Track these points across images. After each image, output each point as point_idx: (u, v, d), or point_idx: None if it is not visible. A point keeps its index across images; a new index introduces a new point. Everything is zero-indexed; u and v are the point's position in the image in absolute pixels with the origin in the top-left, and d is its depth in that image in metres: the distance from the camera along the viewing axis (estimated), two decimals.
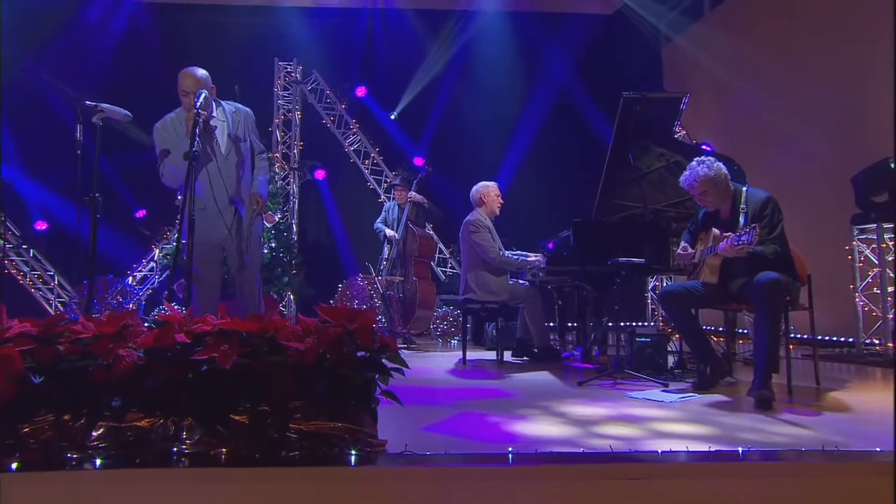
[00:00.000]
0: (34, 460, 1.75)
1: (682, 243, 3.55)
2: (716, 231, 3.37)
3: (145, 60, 7.74)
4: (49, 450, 1.78)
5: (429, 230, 7.96)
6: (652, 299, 7.95)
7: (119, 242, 7.55)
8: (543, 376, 3.97)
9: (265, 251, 6.63)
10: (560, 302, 5.41)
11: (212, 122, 3.16)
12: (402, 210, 6.28)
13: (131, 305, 7.15)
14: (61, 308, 7.42)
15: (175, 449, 1.84)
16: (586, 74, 8.09)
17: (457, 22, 8.30)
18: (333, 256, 8.20)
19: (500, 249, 4.69)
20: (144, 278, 7.58)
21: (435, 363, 4.74)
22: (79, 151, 2.59)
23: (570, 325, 5.51)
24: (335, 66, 8.28)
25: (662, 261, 3.98)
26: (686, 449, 2.04)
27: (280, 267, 6.86)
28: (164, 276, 7.35)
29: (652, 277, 7.80)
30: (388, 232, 6.22)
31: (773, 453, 2.04)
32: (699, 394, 3.18)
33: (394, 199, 6.59)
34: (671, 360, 4.12)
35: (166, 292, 2.74)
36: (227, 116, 3.27)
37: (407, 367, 2.03)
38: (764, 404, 2.78)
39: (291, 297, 7.26)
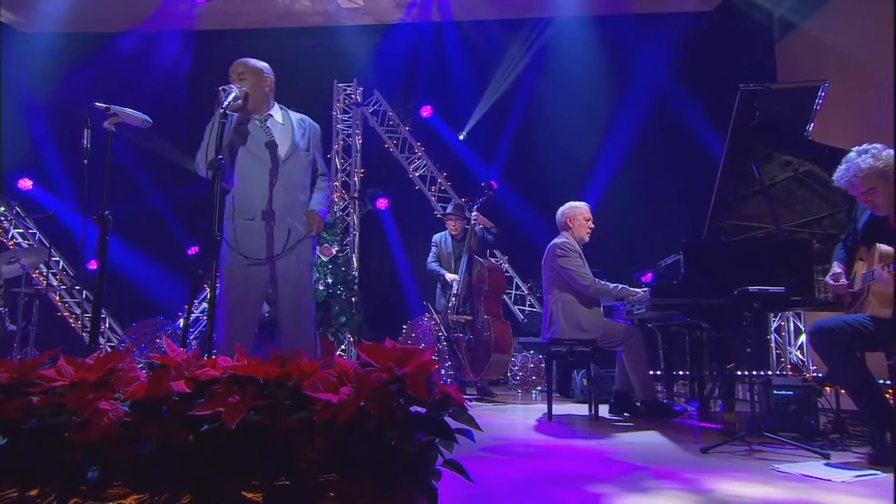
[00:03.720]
0: None
1: (835, 265, 2.94)
2: (883, 247, 2.76)
3: (199, 87, 7.91)
4: None
5: (503, 261, 7.52)
6: (776, 343, 7.09)
7: (171, 282, 7.59)
8: (653, 437, 3.42)
9: (321, 287, 6.41)
10: (665, 345, 4.82)
11: (268, 123, 3.06)
12: (458, 242, 5.87)
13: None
14: None
15: None
16: (686, 79, 7.51)
17: (531, 31, 7.98)
18: (397, 294, 7.88)
19: None
20: (196, 320, 7.53)
21: (514, 418, 4.27)
22: (85, 161, 2.39)
23: (676, 373, 4.90)
24: (398, 86, 8.14)
25: (806, 290, 3.35)
26: None
27: (338, 305, 6.59)
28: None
29: (776, 317, 6.98)
30: (450, 276, 5.69)
31: None
32: (881, 471, 2.51)
33: (447, 229, 6.05)
34: (822, 419, 3.45)
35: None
36: (290, 121, 3.16)
37: (478, 428, 1.60)
38: None
39: (351, 339, 6.96)
